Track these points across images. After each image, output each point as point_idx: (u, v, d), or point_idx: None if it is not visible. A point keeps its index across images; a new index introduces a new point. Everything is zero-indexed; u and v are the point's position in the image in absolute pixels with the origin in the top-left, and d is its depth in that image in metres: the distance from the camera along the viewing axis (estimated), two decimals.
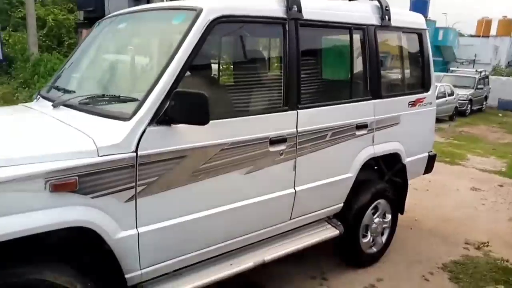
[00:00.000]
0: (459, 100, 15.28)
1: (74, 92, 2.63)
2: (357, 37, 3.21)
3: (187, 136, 2.22)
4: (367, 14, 3.28)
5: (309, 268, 3.54)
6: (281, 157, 2.71)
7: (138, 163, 2.06)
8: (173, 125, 2.15)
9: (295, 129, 2.75)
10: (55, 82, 2.98)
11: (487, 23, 29.88)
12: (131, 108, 2.11)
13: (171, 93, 2.10)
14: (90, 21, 9.88)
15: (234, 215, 2.54)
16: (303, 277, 3.45)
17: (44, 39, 15.53)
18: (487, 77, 18.80)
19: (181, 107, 2.06)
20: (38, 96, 2.92)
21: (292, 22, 2.70)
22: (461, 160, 8.06)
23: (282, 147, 2.69)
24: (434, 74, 3.99)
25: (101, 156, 1.96)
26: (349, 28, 3.12)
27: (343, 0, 3.50)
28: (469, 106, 16.30)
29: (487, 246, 4.25)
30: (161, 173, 2.16)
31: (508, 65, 25.65)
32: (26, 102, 3.26)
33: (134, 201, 2.09)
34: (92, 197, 1.94)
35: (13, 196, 1.74)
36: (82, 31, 10.00)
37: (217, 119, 2.33)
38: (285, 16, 2.67)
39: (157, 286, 2.33)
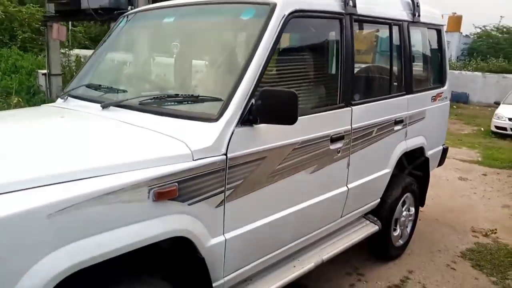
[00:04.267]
0: None
1: (124, 91, 2.44)
2: (394, 33, 3.22)
3: (267, 136, 2.13)
4: (401, 10, 3.30)
5: (341, 265, 3.53)
6: (338, 155, 2.67)
7: (228, 166, 1.94)
8: (255, 125, 2.05)
9: (350, 126, 2.73)
10: (83, 80, 2.74)
11: None
12: (216, 109, 1.98)
13: (255, 92, 2.01)
14: (62, 14, 9.12)
15: (300, 216, 2.47)
16: (339, 274, 3.44)
17: None
18: None
19: (270, 107, 1.96)
20: (66, 96, 2.68)
21: (348, 17, 2.65)
22: None
23: (339, 144, 2.66)
24: (448, 70, 4.11)
25: (196, 160, 1.82)
26: (389, 24, 3.13)
27: None
28: None
29: (495, 233, 4.46)
30: (245, 176, 2.05)
31: (458, 60, 27.02)
32: None
33: (223, 206, 1.97)
34: (189, 204, 1.81)
35: (118, 209, 1.57)
36: (53, 25, 9.27)
37: None
38: (342, 11, 2.61)
39: None
